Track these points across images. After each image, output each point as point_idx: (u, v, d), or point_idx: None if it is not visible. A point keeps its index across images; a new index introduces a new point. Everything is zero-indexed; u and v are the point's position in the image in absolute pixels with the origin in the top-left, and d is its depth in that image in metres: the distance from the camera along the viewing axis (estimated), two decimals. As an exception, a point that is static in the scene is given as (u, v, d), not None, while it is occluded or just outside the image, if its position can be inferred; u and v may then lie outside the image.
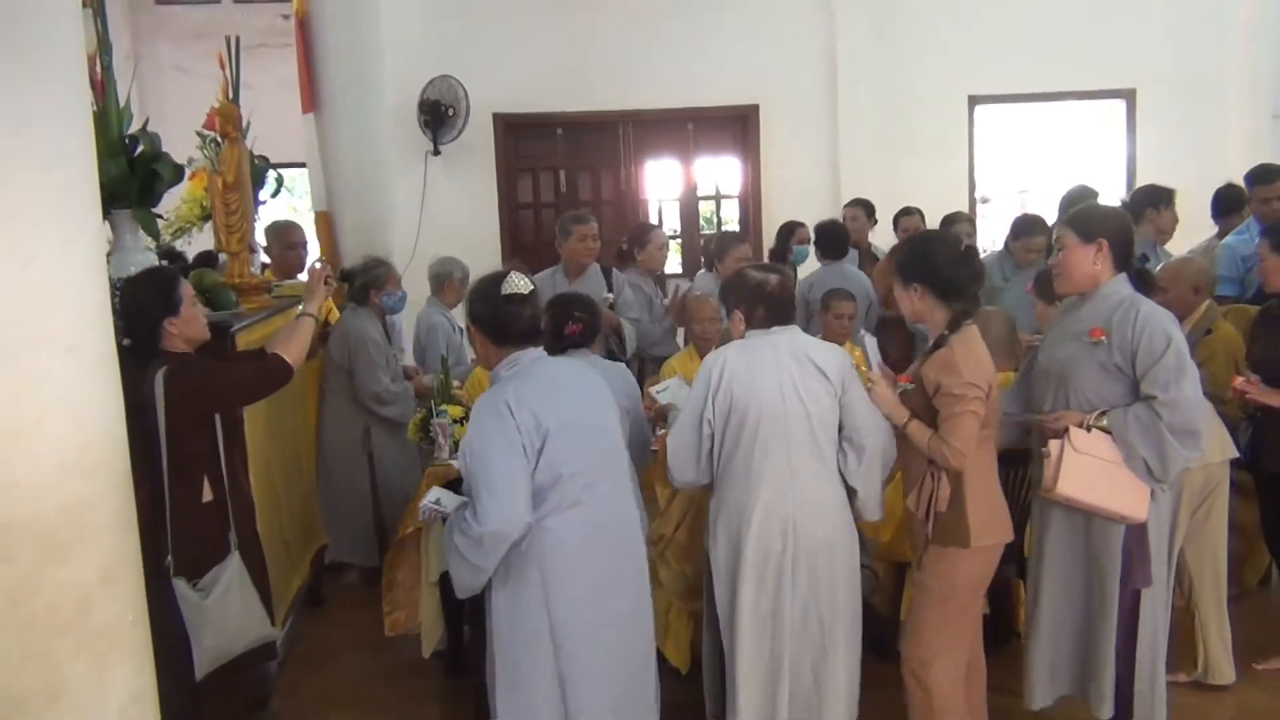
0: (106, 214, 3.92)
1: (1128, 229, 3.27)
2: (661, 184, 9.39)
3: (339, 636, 4.87)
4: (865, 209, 7.52)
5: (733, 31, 8.76)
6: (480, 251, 8.13)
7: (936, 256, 3.18)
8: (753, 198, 9.14)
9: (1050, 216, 6.00)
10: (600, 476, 2.95)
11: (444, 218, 8.35)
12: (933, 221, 6.66)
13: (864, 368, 5.11)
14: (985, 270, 3.34)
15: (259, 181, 4.89)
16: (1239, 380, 3.84)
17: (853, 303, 5.27)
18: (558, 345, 3.53)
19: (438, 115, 8.08)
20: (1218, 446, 3.71)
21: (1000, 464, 3.31)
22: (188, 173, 4.85)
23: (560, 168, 9.11)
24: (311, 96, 6.28)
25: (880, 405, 3.22)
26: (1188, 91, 8.97)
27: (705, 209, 9.68)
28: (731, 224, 9.53)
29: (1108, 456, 3.06)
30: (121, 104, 3.92)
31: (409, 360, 5.82)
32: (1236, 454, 3.83)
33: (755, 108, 8.95)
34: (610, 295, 5.58)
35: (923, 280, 3.17)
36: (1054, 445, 3.11)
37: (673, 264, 9.83)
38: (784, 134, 8.95)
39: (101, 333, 2.31)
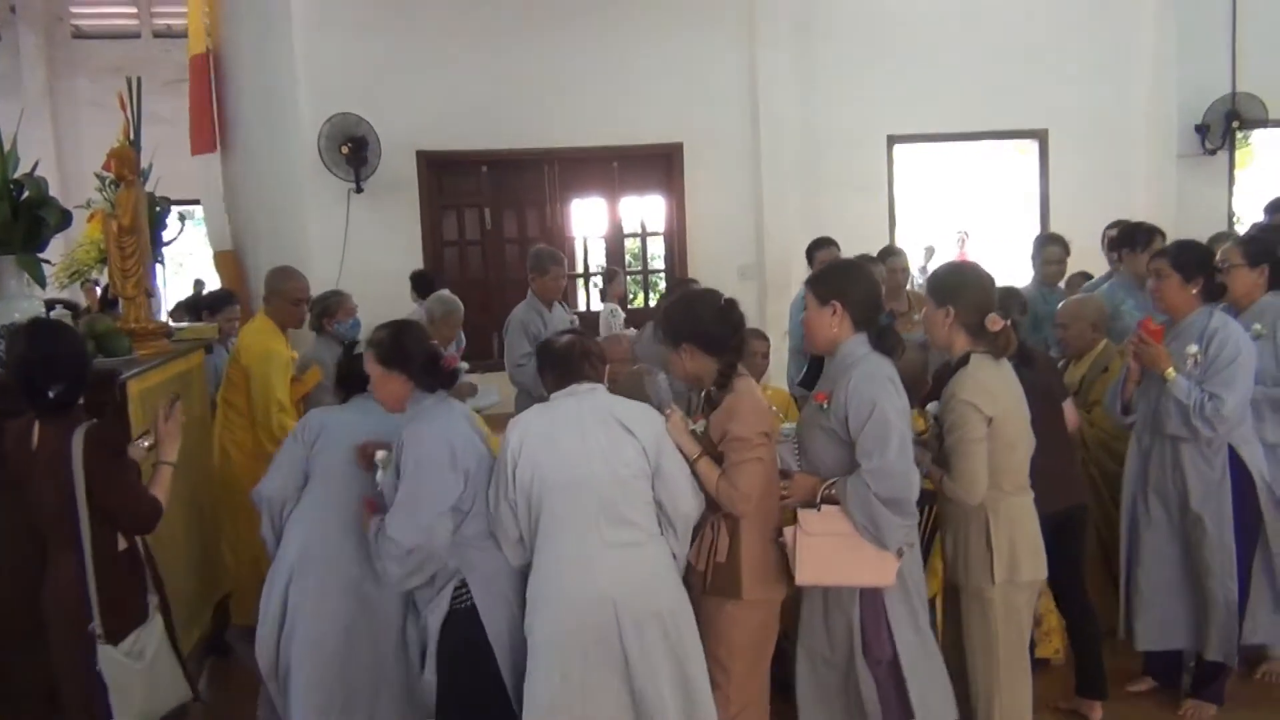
0: (-13, 260, 3.82)
1: (868, 287, 3.10)
2: (587, 221, 9.43)
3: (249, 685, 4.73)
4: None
5: (656, 71, 8.88)
6: (404, 288, 8.13)
7: (699, 314, 3.13)
8: (678, 234, 9.21)
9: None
10: (318, 501, 3.35)
11: (367, 255, 8.30)
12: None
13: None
14: (744, 321, 3.19)
15: (159, 224, 4.80)
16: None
17: (766, 341, 5.29)
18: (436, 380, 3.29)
19: (338, 151, 8.11)
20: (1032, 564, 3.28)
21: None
22: (85, 215, 4.76)
23: (485, 205, 9.11)
24: (214, 136, 6.17)
25: (672, 433, 3.08)
26: (1097, 132, 9.27)
27: (631, 245, 9.72)
28: (657, 260, 9.58)
29: (842, 529, 2.93)
30: (6, 149, 3.81)
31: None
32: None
33: (679, 146, 9.05)
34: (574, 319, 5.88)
35: (688, 339, 3.11)
36: (788, 533, 3.01)
37: (598, 301, 9.89)
38: (708, 172, 9.08)
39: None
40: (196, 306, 6.95)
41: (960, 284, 3.26)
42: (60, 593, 3.07)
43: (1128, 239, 5.30)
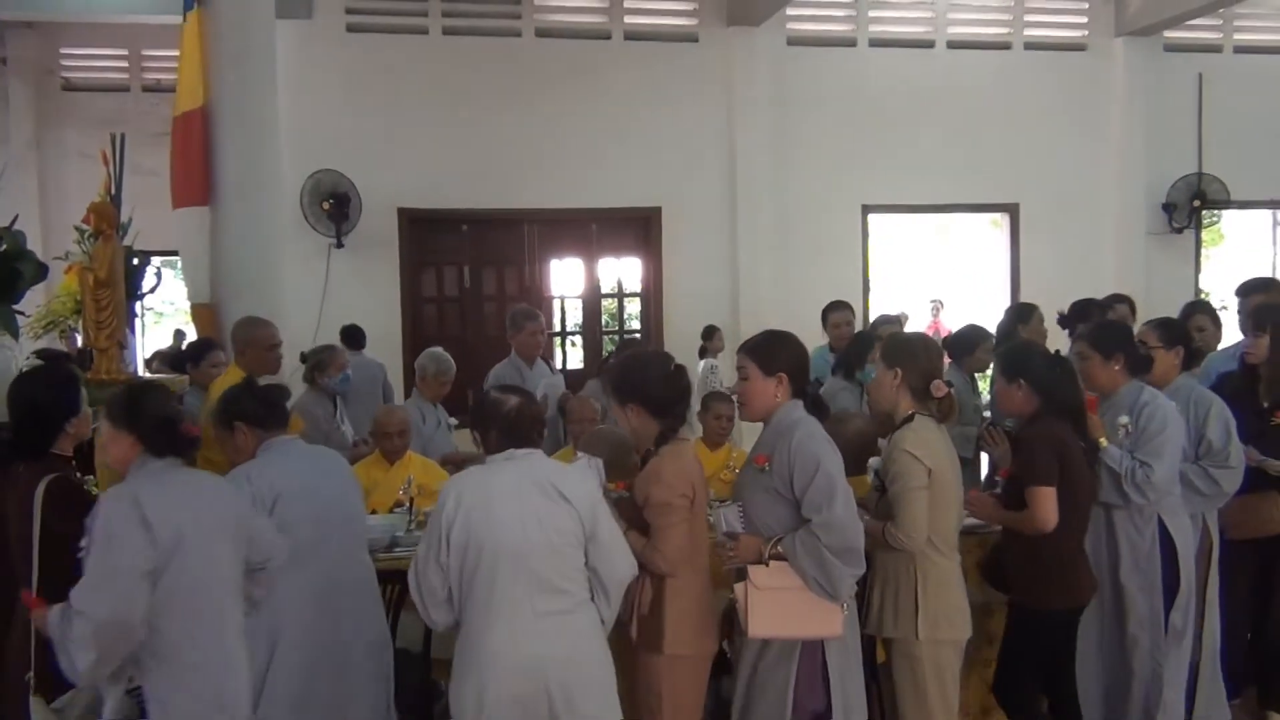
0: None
1: (803, 357, 3.30)
2: (565, 281, 9.55)
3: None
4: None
5: (636, 137, 9.06)
6: (382, 344, 8.19)
7: (650, 376, 3.27)
8: (654, 296, 9.34)
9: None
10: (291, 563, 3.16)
11: (346, 311, 8.35)
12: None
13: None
14: (691, 388, 3.38)
15: (136, 277, 4.88)
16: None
17: (730, 404, 5.34)
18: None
19: (320, 207, 8.22)
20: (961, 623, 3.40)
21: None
22: (63, 266, 4.84)
23: (465, 263, 9.22)
24: (200, 189, 6.23)
25: None
26: (1067, 207, 9.49)
27: (608, 306, 9.85)
28: (633, 320, 9.70)
29: (790, 584, 3.08)
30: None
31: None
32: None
33: (658, 210, 9.21)
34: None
35: (636, 399, 3.23)
36: (739, 589, 3.12)
37: (574, 360, 9.97)
38: (685, 236, 9.23)
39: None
40: (179, 359, 6.96)
41: (910, 350, 3.48)
42: (13, 636, 3.09)
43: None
